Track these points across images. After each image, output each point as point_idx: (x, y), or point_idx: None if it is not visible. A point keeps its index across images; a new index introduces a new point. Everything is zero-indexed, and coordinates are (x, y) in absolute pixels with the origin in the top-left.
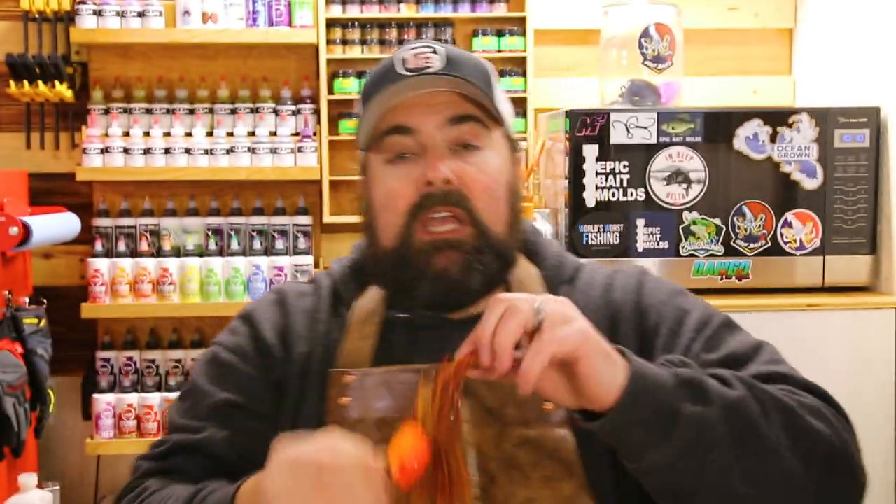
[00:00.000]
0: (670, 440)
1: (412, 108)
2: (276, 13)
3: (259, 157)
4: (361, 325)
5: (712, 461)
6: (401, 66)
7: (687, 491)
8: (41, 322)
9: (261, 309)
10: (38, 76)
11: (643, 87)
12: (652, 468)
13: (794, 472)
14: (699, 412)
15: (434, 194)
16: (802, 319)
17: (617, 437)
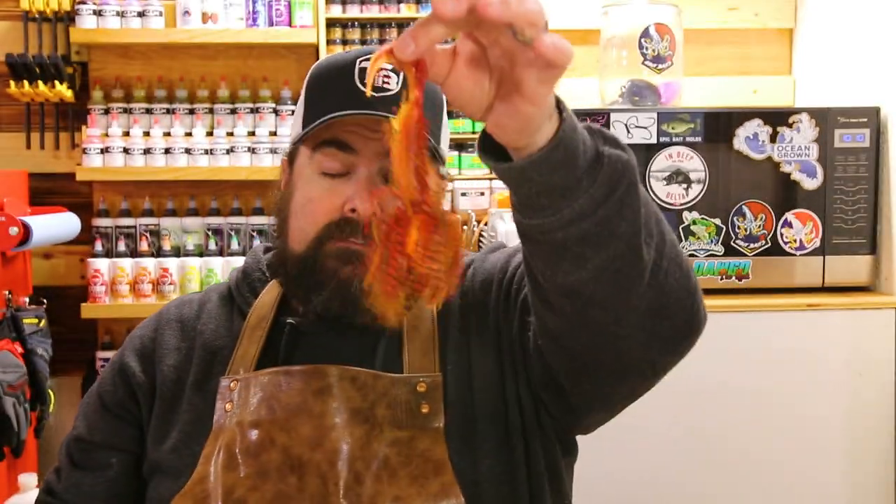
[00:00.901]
0: (594, 183)
1: (358, 128)
2: (276, 13)
3: (259, 157)
4: (252, 330)
5: (629, 206)
6: (358, 79)
7: (597, 244)
8: (41, 322)
9: (136, 331)
10: (38, 76)
11: (643, 87)
12: (573, 216)
13: (673, 251)
14: (619, 154)
15: (355, 223)
16: (802, 319)
17: (539, 180)
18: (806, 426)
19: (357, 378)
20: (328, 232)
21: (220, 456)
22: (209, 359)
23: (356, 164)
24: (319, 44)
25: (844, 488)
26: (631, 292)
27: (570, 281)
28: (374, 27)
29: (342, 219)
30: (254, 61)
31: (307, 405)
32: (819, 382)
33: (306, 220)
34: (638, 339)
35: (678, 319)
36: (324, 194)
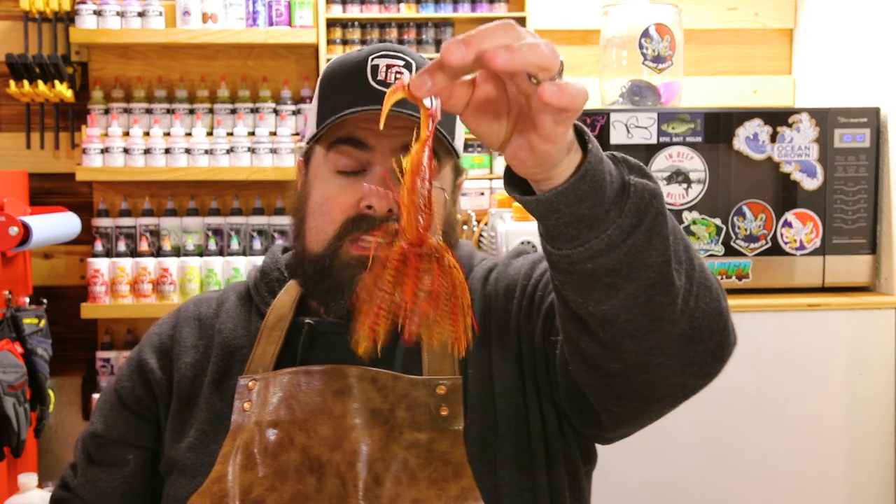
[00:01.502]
0: (622, 213)
1: (373, 124)
2: (276, 13)
3: (259, 157)
4: (271, 330)
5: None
6: (371, 76)
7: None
8: (41, 322)
9: (154, 328)
10: (38, 76)
11: (643, 87)
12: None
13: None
14: (645, 183)
15: (371, 219)
16: (802, 319)
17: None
18: (806, 426)
19: (377, 379)
20: (345, 229)
21: (238, 455)
22: (227, 358)
23: (371, 161)
24: (319, 44)
25: (844, 488)
26: (664, 320)
27: (602, 310)
28: (374, 27)
29: (358, 215)
30: (254, 61)
31: (327, 405)
32: (819, 382)
33: (323, 219)
34: (672, 366)
35: (711, 343)
36: (340, 192)
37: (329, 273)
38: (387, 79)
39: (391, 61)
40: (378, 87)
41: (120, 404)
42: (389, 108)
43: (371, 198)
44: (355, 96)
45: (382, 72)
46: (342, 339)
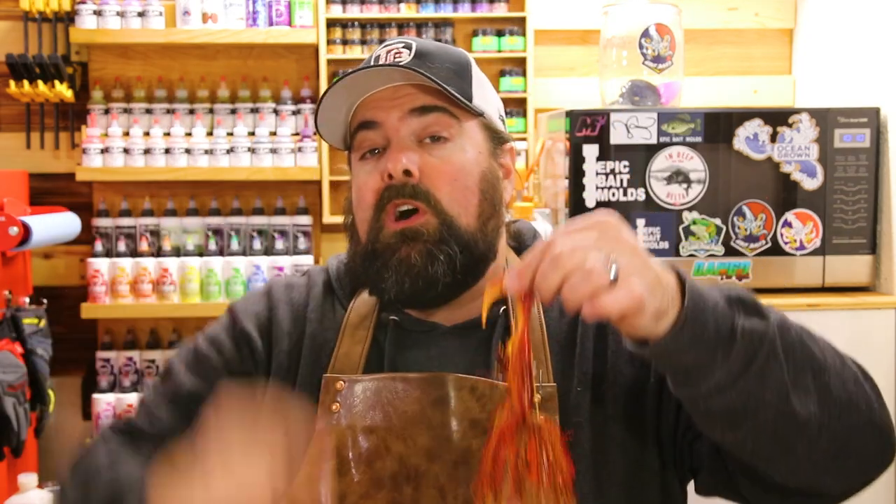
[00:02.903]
0: (729, 358)
1: (378, 102)
2: (276, 13)
3: (259, 157)
4: (355, 328)
5: (771, 376)
6: (372, 62)
7: (745, 413)
8: (41, 322)
9: (246, 301)
10: (38, 76)
11: (643, 87)
12: (710, 390)
13: (840, 393)
14: (755, 326)
15: (394, 186)
16: (802, 319)
17: (673, 361)
18: None
19: (476, 388)
20: (378, 208)
21: (329, 459)
22: (317, 351)
23: (386, 135)
24: (319, 44)
25: None
26: (796, 447)
27: (727, 440)
28: (374, 27)
29: (384, 189)
30: (254, 61)
31: (425, 415)
32: None
33: (362, 209)
34: (823, 479)
35: (865, 453)
36: (367, 177)
37: (375, 255)
38: (386, 60)
39: (391, 47)
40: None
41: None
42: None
43: (387, 164)
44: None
45: (383, 57)
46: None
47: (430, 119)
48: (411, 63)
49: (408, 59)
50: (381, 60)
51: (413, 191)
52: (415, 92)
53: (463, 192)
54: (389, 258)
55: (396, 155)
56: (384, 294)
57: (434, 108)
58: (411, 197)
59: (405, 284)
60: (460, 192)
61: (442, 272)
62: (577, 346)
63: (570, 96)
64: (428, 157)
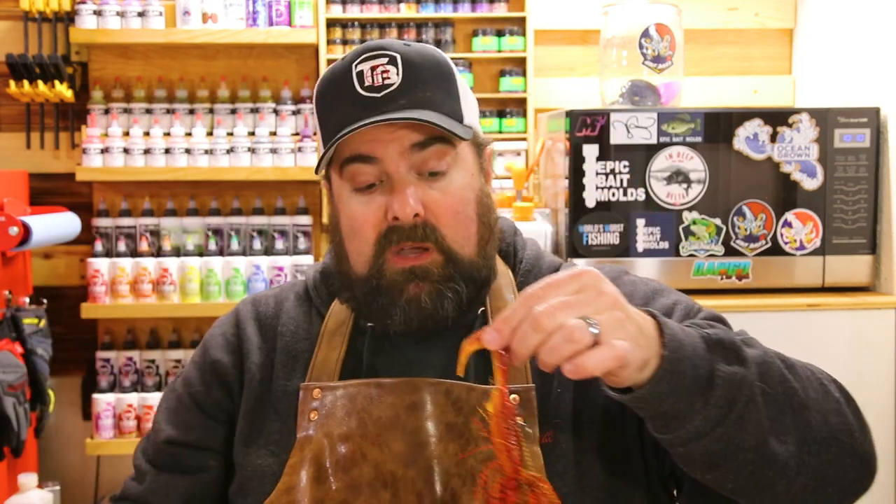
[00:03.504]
0: (708, 405)
1: (375, 135)
2: (276, 13)
3: (259, 157)
4: (332, 335)
5: (750, 421)
6: (358, 84)
7: (724, 456)
8: (41, 322)
9: (215, 327)
10: (38, 76)
11: (643, 87)
12: (689, 436)
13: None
14: (734, 372)
15: (401, 228)
16: (802, 319)
17: (652, 408)
18: None
19: (451, 392)
20: (381, 246)
21: (308, 467)
22: (291, 363)
23: (384, 171)
24: (319, 44)
25: None
26: (774, 485)
27: (706, 479)
28: (374, 27)
29: (388, 228)
30: (254, 61)
31: (400, 420)
32: None
33: (358, 241)
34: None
35: (845, 482)
36: (364, 210)
37: (379, 291)
38: (373, 83)
39: (374, 62)
40: (367, 95)
41: (196, 407)
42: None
43: (394, 206)
44: (349, 112)
45: (368, 76)
46: (407, 345)
47: (429, 153)
48: (402, 85)
49: (397, 81)
50: (367, 80)
51: (423, 232)
52: (413, 125)
53: (464, 223)
54: (397, 297)
55: (403, 197)
56: (388, 327)
57: (433, 141)
58: (421, 239)
59: (413, 322)
60: (462, 224)
61: (451, 309)
62: None
63: (570, 96)
64: (430, 192)
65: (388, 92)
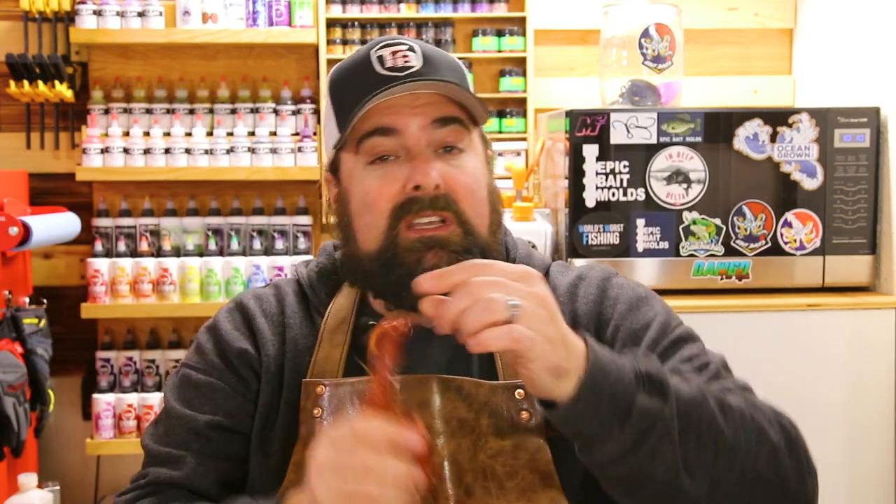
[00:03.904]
0: (623, 432)
1: (396, 109)
2: (276, 13)
3: (259, 157)
4: (332, 332)
5: (662, 454)
6: (379, 65)
7: (636, 484)
8: (41, 322)
9: (222, 319)
10: (38, 76)
11: (643, 87)
12: (603, 460)
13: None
14: (652, 405)
15: (422, 199)
16: (802, 319)
17: (570, 427)
18: (805, 426)
19: (462, 388)
20: (396, 216)
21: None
22: (300, 358)
23: (404, 144)
24: (319, 44)
25: (845, 488)
26: None
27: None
28: (374, 27)
29: (407, 199)
30: (254, 61)
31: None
32: (819, 382)
33: (371, 214)
34: None
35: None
36: (381, 182)
37: (394, 262)
38: (394, 63)
39: (395, 48)
40: (389, 73)
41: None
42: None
43: (416, 175)
44: (368, 87)
45: (389, 59)
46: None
47: (449, 130)
48: (423, 68)
49: (418, 65)
50: (388, 62)
51: (444, 202)
52: (435, 101)
53: (479, 203)
54: (415, 266)
55: (426, 167)
56: (404, 300)
57: (453, 120)
58: (442, 209)
59: None
60: (478, 204)
61: None
62: None
63: (570, 96)
64: (448, 168)
65: (409, 72)
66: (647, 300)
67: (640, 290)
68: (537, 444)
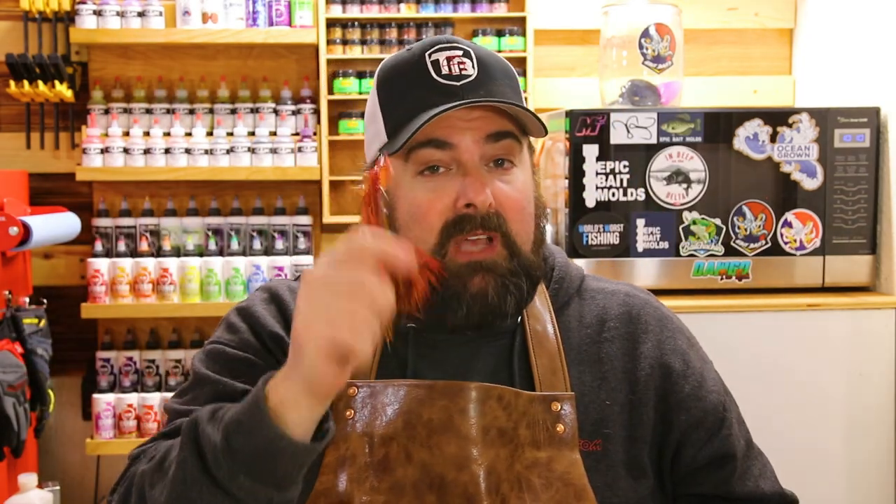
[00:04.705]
0: None
1: (450, 122)
2: (276, 13)
3: (259, 157)
4: None
5: None
6: (435, 71)
7: None
8: (41, 322)
9: (257, 303)
10: (38, 76)
11: (643, 87)
12: None
13: None
14: None
15: (474, 217)
16: (802, 319)
17: None
18: (806, 426)
19: (503, 397)
20: (446, 234)
21: (347, 467)
22: None
23: (457, 157)
24: (319, 44)
25: (845, 488)
26: None
27: None
28: (373, 27)
29: (458, 216)
30: (254, 61)
31: (454, 424)
32: (819, 382)
33: (421, 228)
34: None
35: None
36: (431, 196)
37: (440, 284)
38: (451, 71)
39: (450, 53)
40: (446, 83)
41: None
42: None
43: (469, 193)
44: (427, 97)
45: (444, 65)
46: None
47: (502, 145)
48: (479, 77)
49: (474, 73)
50: (444, 69)
51: (495, 222)
52: (489, 115)
53: (527, 219)
54: (461, 291)
55: (480, 186)
56: (447, 321)
57: (507, 135)
58: (493, 229)
59: (476, 317)
60: (526, 221)
61: (512, 304)
62: (605, 363)
63: (570, 96)
64: (499, 185)
65: (466, 82)
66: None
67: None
68: (571, 457)
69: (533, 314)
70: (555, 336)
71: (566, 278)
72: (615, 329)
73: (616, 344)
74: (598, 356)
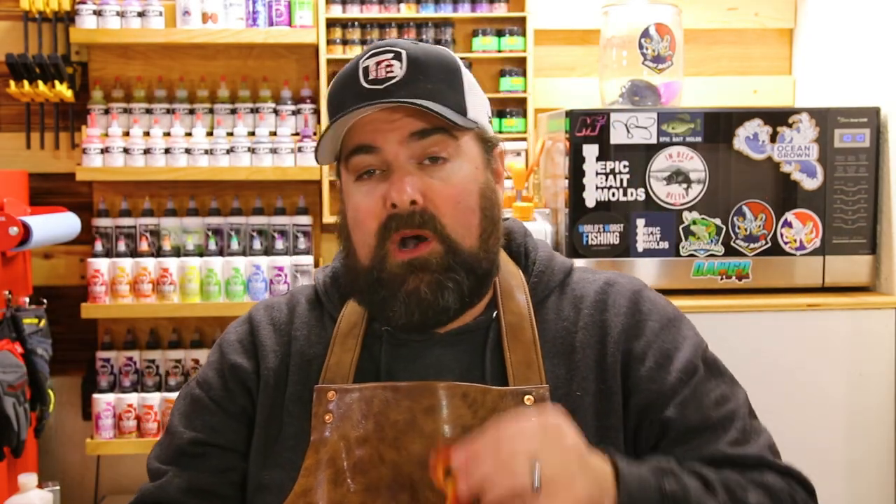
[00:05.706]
0: None
1: (375, 125)
2: (276, 13)
3: (259, 157)
4: (345, 337)
5: None
6: (363, 77)
7: None
8: (41, 322)
9: (230, 332)
10: (38, 76)
11: (643, 87)
12: None
13: None
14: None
15: (399, 216)
16: (802, 319)
17: None
18: (806, 426)
19: (468, 394)
20: (382, 236)
21: (324, 469)
22: (305, 367)
23: (386, 160)
24: (319, 44)
25: (845, 488)
26: None
27: None
28: (374, 27)
29: (388, 217)
30: (254, 61)
31: (417, 423)
32: (819, 382)
33: (361, 231)
34: None
35: None
36: (366, 199)
37: (380, 283)
38: (377, 75)
39: (380, 58)
40: (369, 87)
41: (221, 412)
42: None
43: (391, 193)
44: (350, 104)
45: (373, 70)
46: (424, 345)
47: (429, 142)
48: (405, 77)
49: (401, 74)
50: (372, 74)
51: (420, 219)
52: (413, 114)
53: (465, 213)
54: (397, 289)
55: (400, 184)
56: (391, 322)
57: (433, 131)
58: (419, 227)
59: (414, 315)
60: (463, 214)
61: (452, 300)
62: (578, 353)
63: (570, 96)
64: (430, 181)
65: (389, 84)
66: (677, 321)
67: (671, 308)
68: None
69: (510, 308)
70: (531, 329)
71: (547, 272)
72: (589, 317)
73: (589, 332)
74: (571, 347)
